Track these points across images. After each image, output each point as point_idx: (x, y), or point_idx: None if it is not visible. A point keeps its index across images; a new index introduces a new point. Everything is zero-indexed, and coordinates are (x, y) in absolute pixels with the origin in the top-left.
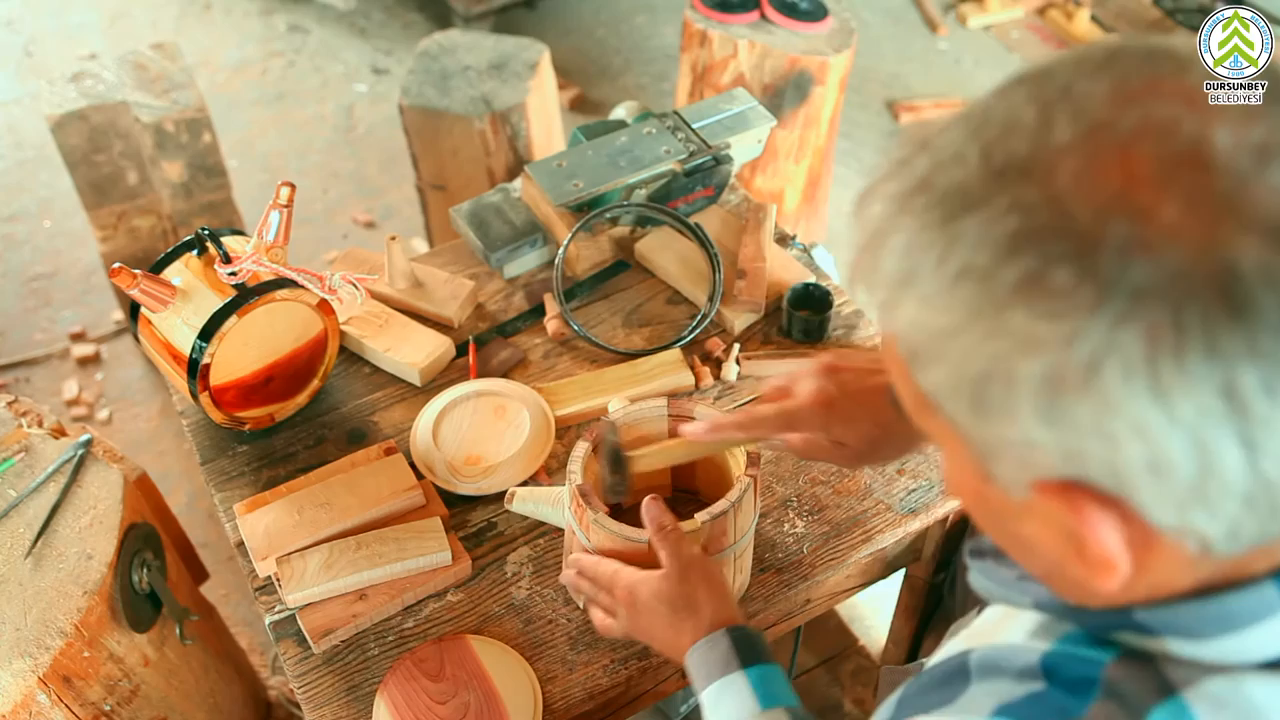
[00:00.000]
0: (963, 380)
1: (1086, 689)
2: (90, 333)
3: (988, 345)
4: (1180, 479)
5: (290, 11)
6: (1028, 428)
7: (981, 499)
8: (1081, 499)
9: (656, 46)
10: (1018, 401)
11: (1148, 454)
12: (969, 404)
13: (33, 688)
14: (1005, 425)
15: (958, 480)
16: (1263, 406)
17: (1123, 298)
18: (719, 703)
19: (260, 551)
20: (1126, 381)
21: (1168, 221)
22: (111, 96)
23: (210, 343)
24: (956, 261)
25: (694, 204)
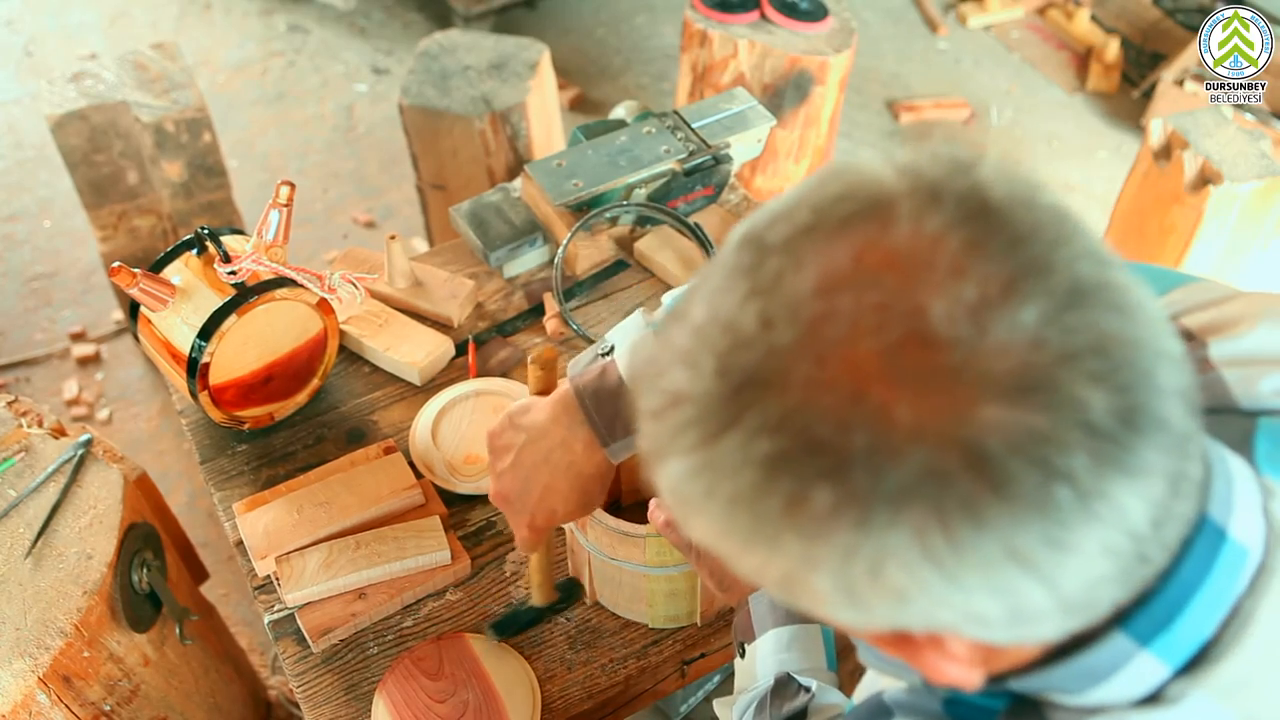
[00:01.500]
0: (770, 586)
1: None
2: (90, 332)
3: (774, 565)
4: (997, 621)
5: (290, 11)
6: (839, 614)
7: None
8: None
9: (656, 46)
10: (821, 601)
11: (960, 614)
12: (781, 594)
13: (33, 687)
14: (820, 611)
15: None
16: (1046, 556)
17: (883, 508)
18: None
19: (259, 550)
20: (912, 575)
21: (906, 422)
22: (111, 96)
23: (210, 342)
24: (725, 491)
25: (694, 203)
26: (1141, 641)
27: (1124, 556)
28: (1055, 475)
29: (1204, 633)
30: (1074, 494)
